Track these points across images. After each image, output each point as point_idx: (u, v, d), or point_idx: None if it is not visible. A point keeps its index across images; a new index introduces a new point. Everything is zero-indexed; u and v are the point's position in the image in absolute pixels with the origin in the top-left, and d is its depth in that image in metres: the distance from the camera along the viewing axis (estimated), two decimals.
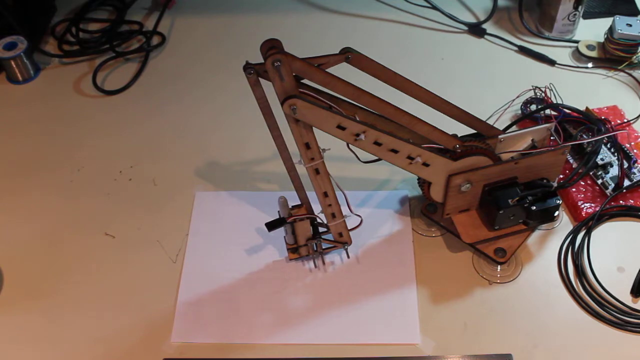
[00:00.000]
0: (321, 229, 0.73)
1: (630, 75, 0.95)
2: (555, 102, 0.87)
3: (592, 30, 1.01)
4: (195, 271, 0.76)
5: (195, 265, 0.76)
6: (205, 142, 0.90)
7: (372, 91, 0.63)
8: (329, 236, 0.73)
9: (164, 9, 1.10)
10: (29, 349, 0.70)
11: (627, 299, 0.71)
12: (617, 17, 0.93)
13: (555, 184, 0.72)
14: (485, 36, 1.03)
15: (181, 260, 0.77)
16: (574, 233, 0.76)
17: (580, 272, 0.73)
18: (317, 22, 1.08)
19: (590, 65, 0.97)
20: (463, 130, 0.71)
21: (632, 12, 1.05)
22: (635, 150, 0.82)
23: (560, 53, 0.99)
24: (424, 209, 0.78)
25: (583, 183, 0.80)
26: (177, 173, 0.86)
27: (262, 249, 0.77)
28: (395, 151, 0.65)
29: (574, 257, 0.74)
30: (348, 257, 0.76)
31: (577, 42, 0.99)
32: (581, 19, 1.01)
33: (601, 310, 0.70)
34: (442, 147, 0.68)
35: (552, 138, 0.75)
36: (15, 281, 0.75)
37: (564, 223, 0.78)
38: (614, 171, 0.80)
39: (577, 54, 0.98)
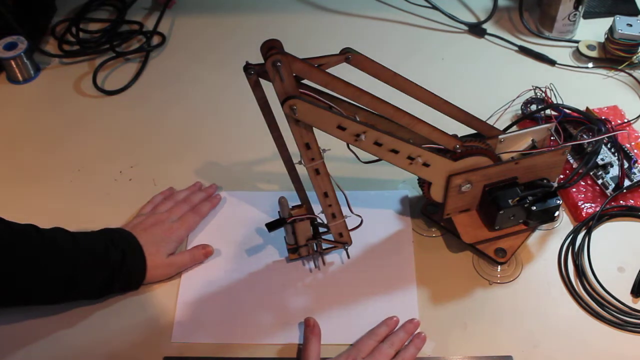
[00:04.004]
0: (321, 229, 0.73)
1: (630, 75, 0.94)
2: (555, 102, 0.87)
3: (592, 30, 1.01)
4: (195, 271, 0.76)
5: (195, 265, 0.76)
6: (205, 142, 0.90)
7: (372, 91, 0.63)
8: (329, 236, 0.73)
9: (164, 9, 1.10)
10: (28, 350, 0.70)
11: (627, 299, 0.71)
12: (618, 17, 0.93)
13: (555, 184, 0.72)
14: (486, 36, 1.03)
15: None
16: (574, 233, 0.76)
17: (580, 272, 0.73)
18: (317, 22, 1.08)
19: (590, 65, 0.97)
20: (463, 130, 0.71)
21: (633, 12, 1.05)
22: (635, 150, 0.82)
23: (561, 53, 0.99)
24: (424, 209, 0.78)
25: (583, 183, 0.80)
26: (177, 173, 0.86)
27: (262, 249, 0.77)
28: (395, 151, 0.65)
29: (574, 257, 0.74)
30: (348, 257, 0.76)
31: (577, 42, 0.99)
32: (581, 19, 1.01)
33: (601, 310, 0.70)
34: (442, 147, 0.68)
35: (553, 138, 0.75)
36: None
37: (564, 223, 0.78)
38: (614, 171, 0.80)
39: (578, 54, 0.98)
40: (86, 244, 0.70)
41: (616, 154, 0.81)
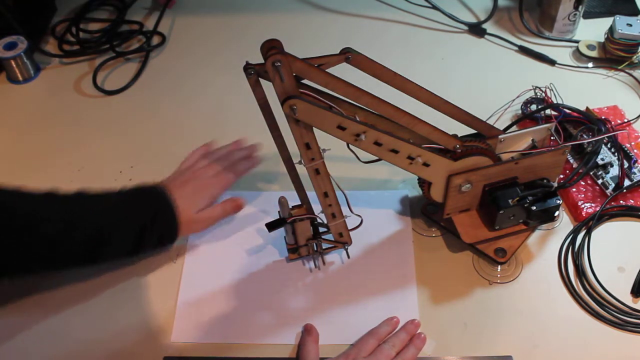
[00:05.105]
0: (321, 229, 0.73)
1: (630, 75, 0.94)
2: (555, 102, 0.87)
3: (592, 30, 1.01)
4: (195, 271, 0.76)
5: (195, 265, 0.76)
6: (205, 141, 0.90)
7: (372, 91, 0.63)
8: (329, 236, 0.73)
9: (164, 9, 1.10)
10: (28, 350, 0.70)
11: (627, 299, 0.71)
12: (618, 17, 0.93)
13: (555, 184, 0.72)
14: (486, 36, 1.03)
15: (181, 260, 0.77)
16: (574, 233, 0.76)
17: (580, 272, 0.73)
18: (317, 22, 1.08)
19: (590, 65, 0.97)
20: (463, 130, 0.71)
21: (633, 11, 1.05)
22: (635, 150, 0.82)
23: (561, 53, 0.99)
24: (424, 209, 0.78)
25: (583, 183, 0.80)
26: None
27: (262, 249, 0.77)
28: (395, 151, 0.65)
29: (574, 257, 0.74)
30: (348, 257, 0.76)
31: (577, 42, 0.99)
32: (581, 19, 1.01)
33: (601, 310, 0.70)
34: (442, 147, 0.68)
35: (553, 138, 0.75)
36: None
37: (564, 223, 0.78)
38: (614, 171, 0.80)
39: (578, 54, 0.98)
40: (116, 202, 0.71)
41: (616, 154, 0.81)
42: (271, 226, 0.70)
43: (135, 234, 0.70)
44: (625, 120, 0.87)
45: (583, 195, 0.79)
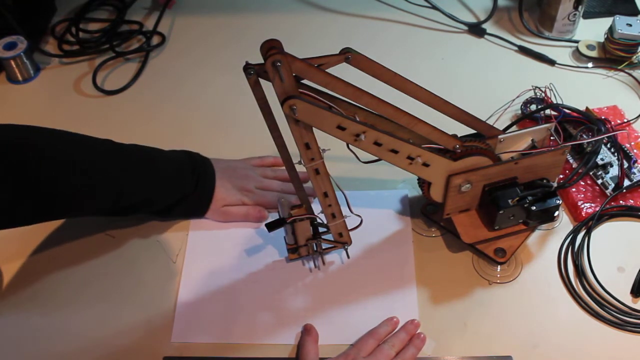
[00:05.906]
0: (321, 229, 0.73)
1: (630, 75, 0.94)
2: (555, 102, 0.87)
3: (592, 30, 1.01)
4: (195, 271, 0.76)
5: (195, 265, 0.76)
6: (205, 142, 0.90)
7: (372, 91, 0.63)
8: (329, 236, 0.73)
9: (164, 9, 1.10)
10: (28, 350, 0.70)
11: (627, 299, 0.71)
12: (617, 17, 0.93)
13: (555, 184, 0.72)
14: (485, 36, 1.03)
15: (181, 260, 0.77)
16: (574, 233, 0.76)
17: (580, 272, 0.73)
18: (317, 22, 1.08)
19: (590, 65, 0.97)
20: (463, 130, 0.71)
21: (632, 12, 1.05)
22: (635, 150, 0.82)
23: (560, 53, 0.99)
24: (424, 209, 0.78)
25: (583, 183, 0.80)
26: None
27: (262, 249, 0.77)
28: (395, 151, 0.65)
29: (574, 257, 0.74)
30: (348, 257, 0.76)
31: (577, 42, 0.99)
32: (581, 19, 1.01)
33: (601, 310, 0.70)
34: (442, 147, 0.68)
35: (552, 138, 0.75)
36: (14, 281, 0.75)
37: (564, 223, 0.78)
38: (614, 171, 0.80)
39: (577, 54, 0.98)
40: (166, 171, 0.75)
41: (616, 154, 0.81)
42: (271, 226, 0.70)
43: (172, 202, 0.75)
44: (625, 120, 0.87)
45: (583, 195, 0.79)
